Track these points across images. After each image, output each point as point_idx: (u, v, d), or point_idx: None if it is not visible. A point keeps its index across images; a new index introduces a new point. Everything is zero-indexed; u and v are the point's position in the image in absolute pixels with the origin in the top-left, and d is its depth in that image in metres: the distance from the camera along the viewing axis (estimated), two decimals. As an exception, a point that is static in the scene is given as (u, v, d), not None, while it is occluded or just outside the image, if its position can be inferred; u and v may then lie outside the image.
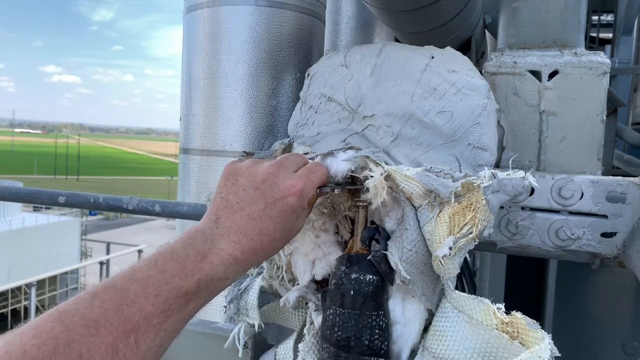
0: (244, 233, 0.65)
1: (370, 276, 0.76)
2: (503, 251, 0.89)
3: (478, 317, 0.65)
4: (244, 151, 0.98)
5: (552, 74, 0.89)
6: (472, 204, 0.70)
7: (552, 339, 0.58)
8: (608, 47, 4.24)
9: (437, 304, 0.75)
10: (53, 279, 20.19)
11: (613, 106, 1.48)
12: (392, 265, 0.74)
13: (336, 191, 0.79)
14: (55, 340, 0.49)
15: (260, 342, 0.97)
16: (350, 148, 0.82)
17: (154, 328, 0.55)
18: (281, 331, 1.04)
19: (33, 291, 17.70)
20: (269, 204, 0.67)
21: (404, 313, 0.77)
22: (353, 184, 0.81)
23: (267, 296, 0.96)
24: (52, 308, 0.53)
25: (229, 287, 1.12)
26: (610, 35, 4.31)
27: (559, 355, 0.57)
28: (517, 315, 0.62)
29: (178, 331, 0.60)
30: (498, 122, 0.88)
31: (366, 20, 1.88)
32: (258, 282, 0.94)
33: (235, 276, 0.65)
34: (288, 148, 0.96)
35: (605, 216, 0.81)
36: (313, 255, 0.88)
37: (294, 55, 1.13)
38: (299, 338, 0.90)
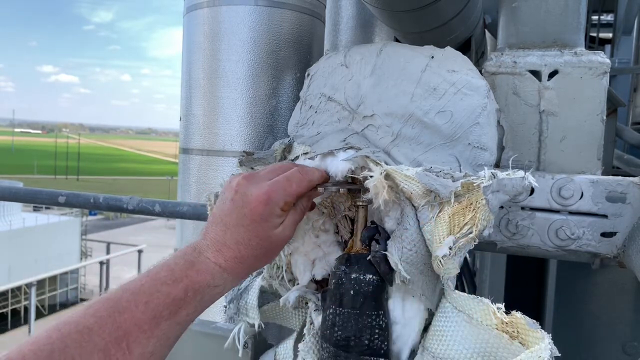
0: (223, 243, 0.69)
1: (370, 276, 0.76)
2: (503, 251, 0.89)
3: (478, 317, 0.65)
4: (243, 151, 0.98)
5: (552, 74, 0.89)
6: (472, 203, 0.70)
7: (552, 339, 0.58)
8: (608, 47, 4.24)
9: (437, 303, 0.75)
10: (53, 279, 20.18)
11: (613, 106, 1.48)
12: (392, 265, 0.74)
13: (332, 189, 0.80)
14: (51, 346, 0.52)
15: (260, 342, 0.97)
16: (350, 148, 0.82)
17: (145, 334, 0.58)
18: (281, 331, 1.03)
19: (33, 291, 17.70)
20: (240, 214, 0.70)
21: (404, 313, 0.77)
22: (353, 184, 0.81)
23: (267, 296, 0.96)
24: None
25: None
26: (610, 35, 4.31)
27: (559, 355, 0.57)
28: (517, 315, 0.62)
29: (172, 339, 0.62)
30: (498, 122, 0.88)
31: (366, 20, 1.88)
32: (258, 282, 0.94)
33: (226, 284, 0.69)
34: (288, 148, 0.96)
35: (605, 216, 0.81)
36: (313, 255, 0.88)
37: (293, 55, 1.13)
38: (299, 338, 0.90)
